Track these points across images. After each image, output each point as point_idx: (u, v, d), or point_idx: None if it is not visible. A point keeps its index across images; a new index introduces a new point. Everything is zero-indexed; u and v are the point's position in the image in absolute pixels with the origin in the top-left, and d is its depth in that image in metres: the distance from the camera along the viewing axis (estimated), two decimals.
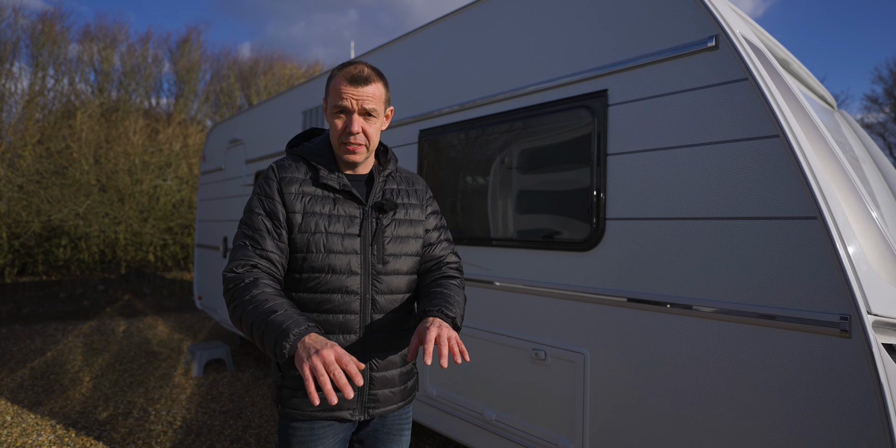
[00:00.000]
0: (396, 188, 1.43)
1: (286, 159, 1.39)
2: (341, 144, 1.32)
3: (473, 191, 2.59)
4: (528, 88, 2.28)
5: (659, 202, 1.82)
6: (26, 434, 3.28)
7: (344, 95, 1.28)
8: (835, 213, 1.46)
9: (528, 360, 2.23)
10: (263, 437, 3.29)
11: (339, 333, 1.30)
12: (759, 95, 1.59)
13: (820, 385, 1.45)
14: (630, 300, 1.88)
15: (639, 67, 1.90)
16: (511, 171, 2.41)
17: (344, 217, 1.31)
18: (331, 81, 1.33)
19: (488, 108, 2.47)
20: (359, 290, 1.30)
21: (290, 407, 1.31)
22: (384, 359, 1.35)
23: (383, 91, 1.34)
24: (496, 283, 2.39)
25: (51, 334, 6.04)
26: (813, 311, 1.46)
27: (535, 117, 2.26)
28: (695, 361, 1.71)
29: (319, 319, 1.29)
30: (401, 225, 1.38)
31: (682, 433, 1.73)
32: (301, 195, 1.31)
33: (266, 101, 4.94)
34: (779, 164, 1.54)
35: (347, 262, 1.29)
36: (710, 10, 1.71)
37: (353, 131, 1.28)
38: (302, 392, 1.30)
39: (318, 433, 1.32)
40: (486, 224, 2.50)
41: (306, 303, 1.30)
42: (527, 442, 2.21)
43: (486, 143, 2.51)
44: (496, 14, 2.48)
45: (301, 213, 1.29)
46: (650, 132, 1.86)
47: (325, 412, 1.30)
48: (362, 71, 1.30)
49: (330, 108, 1.32)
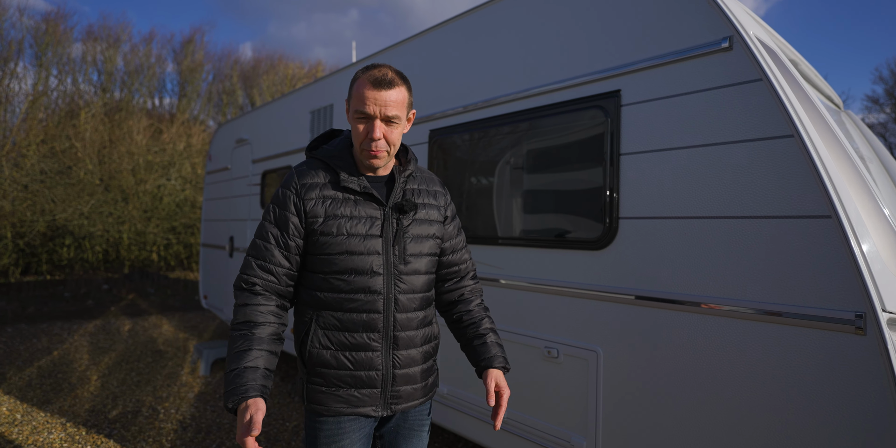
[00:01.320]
0: (416, 188, 1.44)
1: (305, 164, 1.41)
2: (363, 149, 1.33)
3: (484, 190, 2.61)
4: (541, 88, 2.30)
5: (673, 201, 1.84)
6: (37, 432, 3.30)
7: (367, 101, 1.28)
8: (849, 212, 1.48)
9: (541, 358, 2.24)
10: (273, 435, 3.31)
11: (363, 332, 1.33)
12: (773, 96, 1.61)
13: (835, 382, 1.47)
14: (643, 298, 1.90)
15: (652, 68, 1.92)
16: (522, 171, 2.43)
17: (365, 218, 1.33)
18: (354, 84, 1.33)
19: (500, 109, 2.49)
20: (382, 290, 1.33)
21: (315, 402, 1.35)
22: (406, 356, 1.38)
23: (406, 95, 1.34)
24: (507, 281, 2.41)
25: (56, 333, 6.06)
26: (828, 308, 1.48)
27: (548, 117, 2.28)
28: (709, 359, 1.73)
29: (344, 318, 1.32)
30: (420, 225, 1.40)
31: (696, 430, 1.75)
32: (322, 199, 1.33)
33: (273, 100, 4.96)
34: (793, 163, 1.56)
35: (370, 262, 1.32)
36: (724, 12, 1.73)
37: (375, 138, 1.30)
38: (326, 388, 1.34)
39: (344, 427, 1.35)
40: (498, 223, 2.52)
41: (331, 302, 1.33)
42: (539, 439, 2.23)
43: (497, 143, 2.53)
44: (509, 14, 2.50)
45: (323, 217, 1.31)
46: (663, 132, 1.88)
47: (350, 408, 1.34)
48: (386, 74, 1.30)
49: (353, 112, 1.33)
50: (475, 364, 1.46)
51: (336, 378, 1.33)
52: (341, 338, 1.32)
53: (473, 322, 1.50)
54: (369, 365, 1.33)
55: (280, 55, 18.79)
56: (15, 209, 9.01)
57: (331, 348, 1.33)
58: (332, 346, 1.33)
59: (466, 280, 1.56)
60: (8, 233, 9.03)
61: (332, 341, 1.33)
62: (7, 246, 9.07)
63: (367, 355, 1.33)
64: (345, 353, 1.33)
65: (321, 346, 1.33)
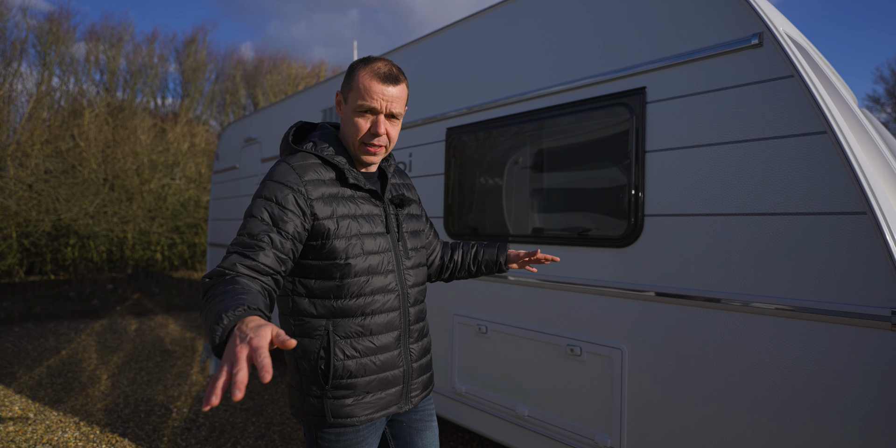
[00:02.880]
0: (399, 183, 1.43)
1: (298, 158, 1.27)
2: (362, 144, 1.26)
3: (506, 188, 2.61)
4: (564, 86, 2.29)
5: (700, 198, 1.83)
6: (51, 431, 3.29)
7: (374, 95, 1.22)
8: (884, 208, 1.47)
9: (563, 355, 2.24)
10: (287, 435, 3.30)
11: (385, 332, 1.29)
12: (805, 92, 1.60)
13: (870, 379, 1.46)
14: (669, 295, 1.89)
15: (678, 65, 1.91)
16: (544, 168, 2.43)
17: (368, 215, 1.29)
18: (355, 76, 1.24)
19: (521, 106, 2.48)
20: (396, 287, 1.31)
21: (342, 416, 1.26)
22: (419, 348, 1.39)
23: (406, 92, 1.30)
24: (531, 279, 2.40)
25: (64, 333, 6.04)
26: (863, 305, 1.47)
27: (572, 114, 2.28)
28: (738, 357, 1.72)
29: (367, 323, 1.26)
30: (411, 219, 1.40)
31: (724, 429, 1.75)
32: (327, 199, 1.23)
33: (284, 99, 4.95)
34: (827, 159, 1.56)
35: (382, 260, 1.28)
36: (755, 8, 1.72)
37: (380, 133, 1.24)
38: (353, 398, 1.25)
39: (364, 433, 1.30)
40: (521, 221, 2.52)
41: (351, 308, 1.24)
42: (562, 437, 2.22)
43: (519, 140, 2.52)
44: (530, 10, 2.49)
45: (333, 217, 1.22)
46: (690, 129, 1.87)
47: (380, 411, 1.29)
48: (392, 69, 1.25)
49: (353, 106, 1.23)
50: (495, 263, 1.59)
51: (364, 385, 1.26)
52: (367, 343, 1.26)
53: (462, 250, 1.61)
54: (392, 364, 1.31)
55: (283, 55, 18.80)
56: (20, 209, 9.00)
57: (357, 357, 1.25)
58: (358, 354, 1.26)
59: (438, 249, 1.61)
60: (13, 232, 9.01)
61: (359, 349, 1.26)
62: (12, 246, 9.05)
63: (391, 355, 1.31)
64: (371, 358, 1.27)
65: (346, 357, 1.24)
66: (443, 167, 2.89)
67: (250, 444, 3.16)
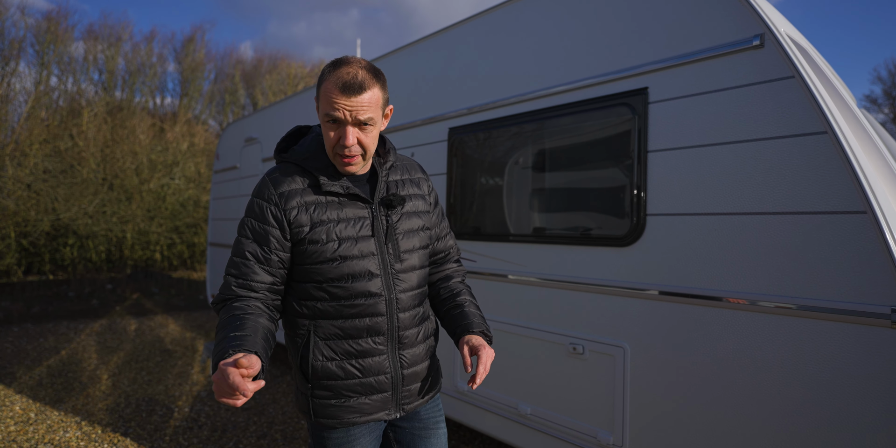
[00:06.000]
0: (399, 179, 1.37)
1: (277, 170, 1.30)
2: (335, 155, 1.24)
3: (508, 188, 2.62)
4: (567, 86, 2.30)
5: (702, 198, 1.85)
6: (53, 431, 3.29)
7: (336, 105, 1.16)
8: (884, 207, 1.49)
9: (565, 354, 2.25)
10: (289, 434, 3.31)
11: (367, 337, 1.27)
12: (805, 93, 1.62)
13: (870, 376, 1.48)
14: (671, 294, 1.91)
15: (680, 65, 1.93)
16: (548, 168, 2.44)
17: (353, 219, 1.26)
18: (322, 83, 1.20)
19: (524, 106, 2.50)
20: (382, 291, 1.27)
21: (325, 417, 1.28)
22: (412, 354, 1.33)
23: (380, 95, 1.21)
24: (532, 278, 2.41)
25: (63, 333, 6.04)
26: (863, 302, 1.49)
27: (574, 114, 2.29)
28: (740, 355, 1.74)
29: (346, 326, 1.26)
30: (409, 218, 1.34)
31: (725, 427, 1.76)
32: (304, 206, 1.23)
33: (285, 99, 4.96)
34: (827, 159, 1.57)
35: (365, 265, 1.25)
36: (756, 9, 1.74)
37: (348, 144, 1.19)
38: (336, 401, 1.27)
39: (355, 433, 1.31)
40: (522, 220, 2.53)
41: (329, 311, 1.25)
42: (564, 435, 2.24)
43: (522, 140, 2.54)
44: (534, 10, 2.51)
45: (309, 225, 1.23)
46: (692, 129, 1.89)
47: (364, 416, 1.29)
48: (356, 76, 1.15)
49: (322, 115, 1.20)
50: (452, 333, 1.38)
51: (345, 388, 1.27)
52: (345, 346, 1.26)
53: (452, 294, 1.44)
54: (378, 370, 1.28)
55: (282, 55, 18.80)
56: (18, 208, 8.98)
57: (336, 359, 1.26)
58: (336, 356, 1.26)
59: (450, 263, 1.52)
60: (11, 232, 9.00)
61: (336, 351, 1.26)
62: (10, 245, 9.04)
63: (375, 360, 1.28)
64: (351, 362, 1.26)
65: (325, 358, 1.26)
66: (445, 167, 2.90)
67: (252, 443, 3.17)
